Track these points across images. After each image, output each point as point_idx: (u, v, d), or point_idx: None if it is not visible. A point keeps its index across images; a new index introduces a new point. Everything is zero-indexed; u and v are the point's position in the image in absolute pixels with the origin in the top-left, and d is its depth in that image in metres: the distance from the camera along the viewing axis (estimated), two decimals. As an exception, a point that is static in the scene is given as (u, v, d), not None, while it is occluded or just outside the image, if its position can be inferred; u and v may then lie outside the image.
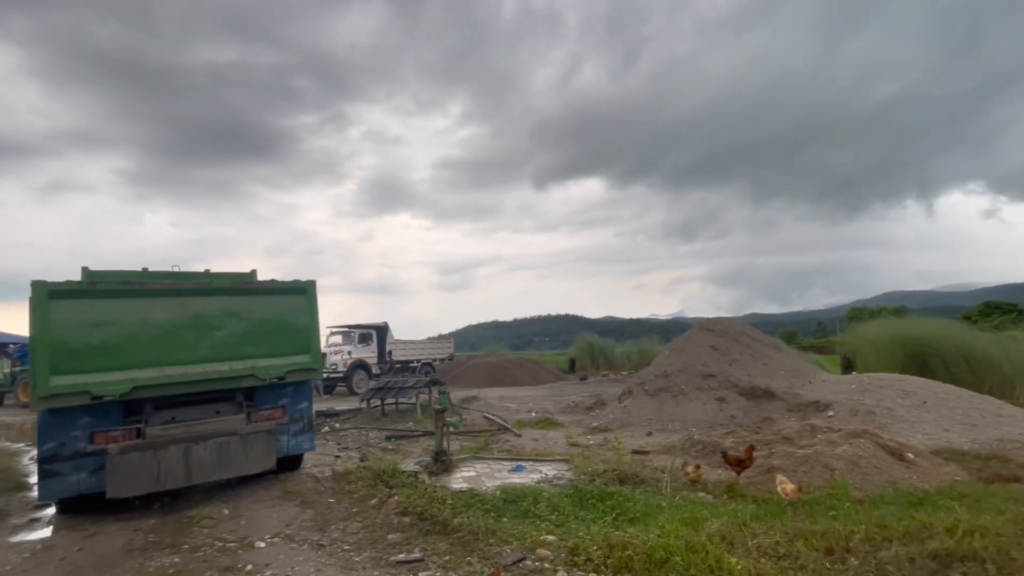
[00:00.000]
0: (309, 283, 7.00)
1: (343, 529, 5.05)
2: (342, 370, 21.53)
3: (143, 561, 4.44)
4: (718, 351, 12.15)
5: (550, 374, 27.59)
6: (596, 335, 38.26)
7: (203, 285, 6.51)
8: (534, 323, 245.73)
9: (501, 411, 12.75)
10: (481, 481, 6.19)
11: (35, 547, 4.88)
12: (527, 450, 8.32)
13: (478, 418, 11.63)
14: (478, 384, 23.57)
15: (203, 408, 6.38)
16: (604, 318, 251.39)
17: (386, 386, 11.93)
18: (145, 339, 5.93)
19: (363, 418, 11.51)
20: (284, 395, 6.84)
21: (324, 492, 6.28)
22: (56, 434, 5.63)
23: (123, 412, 5.96)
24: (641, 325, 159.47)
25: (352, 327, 23.34)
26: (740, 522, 4.22)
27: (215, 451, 5.97)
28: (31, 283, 5.55)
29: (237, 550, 4.63)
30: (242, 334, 6.46)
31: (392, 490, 5.90)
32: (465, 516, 4.88)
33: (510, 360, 28.06)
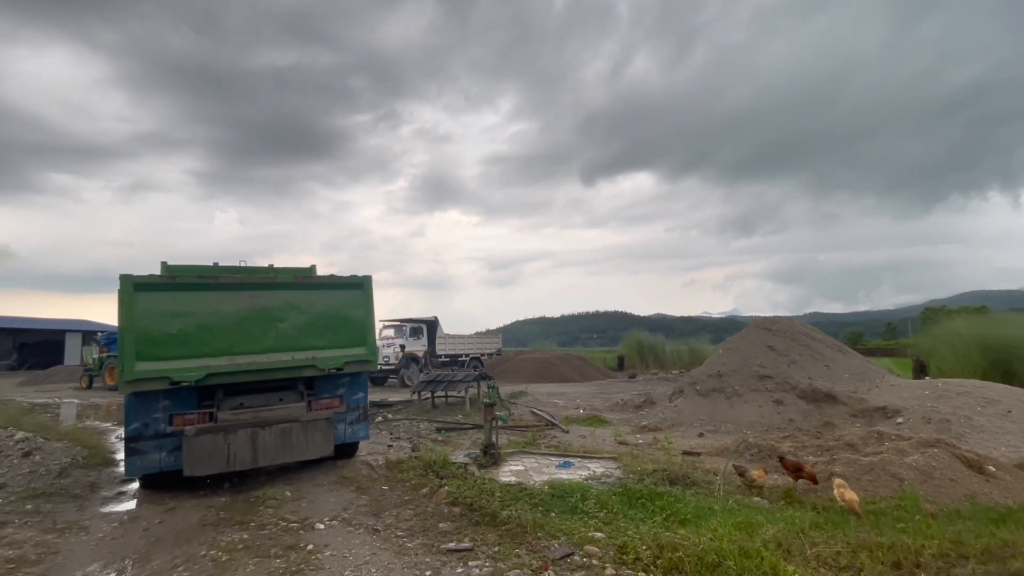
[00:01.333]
0: (365, 278, 7.22)
1: (396, 516, 5.24)
2: (394, 363, 22.18)
3: (215, 536, 4.78)
4: (776, 351, 11.67)
5: (598, 371, 27.36)
6: (646, 332, 37.54)
7: (268, 280, 6.83)
8: (582, 319, 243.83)
9: (548, 407, 12.79)
10: (529, 475, 6.25)
11: (122, 517, 5.36)
12: (575, 447, 8.32)
13: (526, 413, 11.71)
14: (525, 380, 23.69)
15: (268, 395, 6.70)
16: (654, 315, 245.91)
17: (436, 379, 12.23)
18: (217, 329, 6.30)
19: (414, 409, 11.85)
20: (342, 385, 7.09)
21: (378, 479, 6.52)
22: (140, 415, 6.07)
23: (198, 397, 6.35)
24: (692, 323, 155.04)
25: (404, 321, 23.99)
26: (798, 529, 4.07)
27: (279, 436, 6.27)
28: (119, 276, 5.99)
29: (299, 530, 4.90)
30: (303, 326, 6.75)
31: (442, 480, 6.06)
32: (513, 509, 4.95)
33: (558, 356, 28.03)
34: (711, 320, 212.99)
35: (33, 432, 9.17)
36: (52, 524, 5.09)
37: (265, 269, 8.02)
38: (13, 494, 5.90)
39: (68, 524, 5.11)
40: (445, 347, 24.44)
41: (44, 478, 6.54)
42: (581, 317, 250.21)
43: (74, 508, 5.68)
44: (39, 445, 8.12)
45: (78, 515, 5.45)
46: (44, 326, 36.65)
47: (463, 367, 23.91)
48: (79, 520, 5.25)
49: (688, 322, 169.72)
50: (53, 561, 4.30)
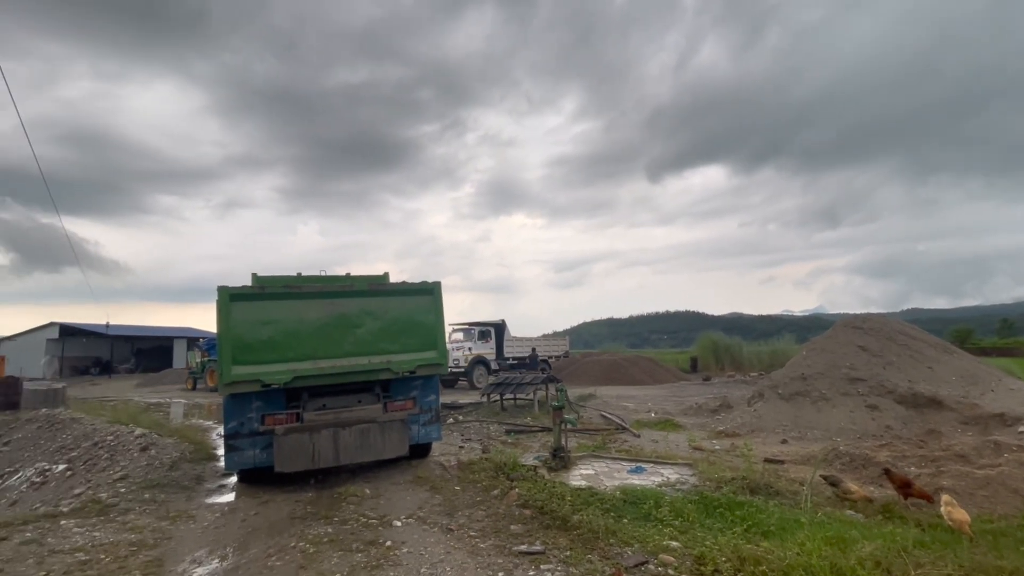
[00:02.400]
0: (435, 284, 7.41)
1: (469, 516, 5.34)
2: (463, 365, 22.66)
3: (303, 528, 5.11)
4: (869, 352, 10.76)
5: (669, 374, 26.51)
6: (720, 333, 35.91)
7: (346, 288, 7.16)
8: (651, 320, 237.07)
9: (618, 410, 12.55)
10: (600, 480, 6.17)
11: (223, 508, 5.86)
12: (646, 451, 8.10)
13: (595, 416, 11.56)
14: (593, 382, 23.38)
15: (348, 397, 7.01)
16: (729, 315, 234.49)
17: (504, 382, 12.37)
18: (302, 335, 6.66)
19: (483, 412, 12.06)
20: (415, 388, 7.31)
21: (450, 480, 6.69)
22: (236, 415, 6.53)
23: (286, 399, 6.74)
24: (772, 322, 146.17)
25: (472, 324, 24.45)
26: (900, 548, 3.72)
27: (358, 436, 6.56)
28: (217, 288, 6.49)
29: (378, 526, 5.13)
30: (378, 331, 7.02)
31: (513, 482, 6.11)
32: (585, 513, 4.90)
33: (627, 358, 27.45)
34: (793, 319, 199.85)
35: (149, 429, 10.24)
36: (166, 512, 5.66)
37: (343, 277, 8.36)
38: (134, 484, 6.62)
39: (179, 512, 5.66)
40: (512, 350, 24.62)
41: (158, 470, 7.28)
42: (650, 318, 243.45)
43: (183, 498, 6.28)
44: (154, 440, 9.04)
45: (187, 504, 6.02)
46: (156, 333, 40.86)
47: (531, 369, 24.01)
48: (187, 509, 5.80)
49: (767, 321, 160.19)
50: (167, 546, 4.78)
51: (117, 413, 12.28)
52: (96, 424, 10.46)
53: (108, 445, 8.82)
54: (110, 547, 4.65)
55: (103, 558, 4.42)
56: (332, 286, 7.24)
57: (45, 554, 4.48)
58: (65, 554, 4.48)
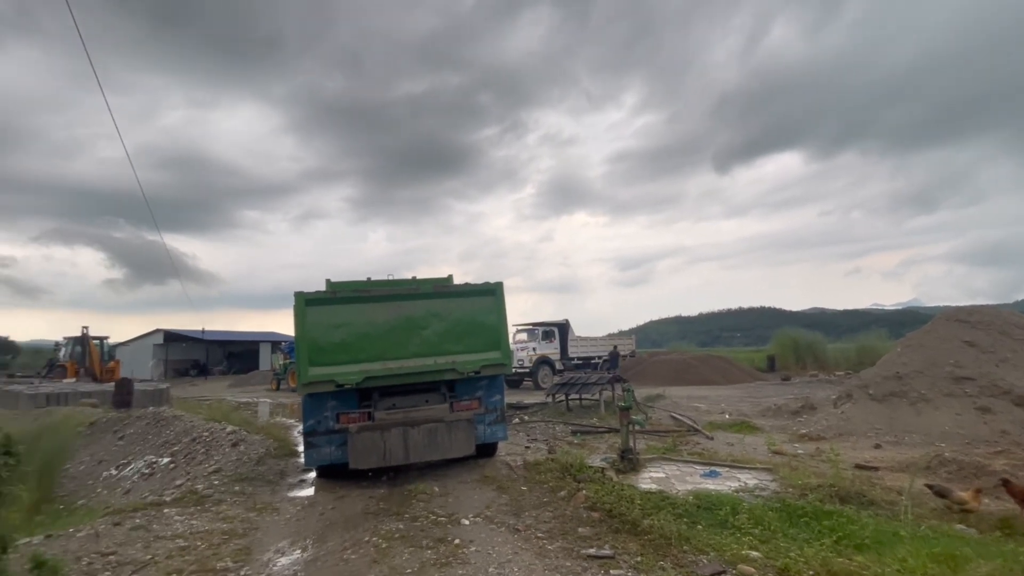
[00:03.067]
0: (497, 285, 7.47)
1: (536, 517, 5.31)
2: (528, 365, 22.71)
3: (376, 524, 5.28)
4: (977, 348, 9.66)
5: (744, 373, 25.21)
6: (800, 329, 33.69)
7: (412, 290, 7.36)
8: (723, 317, 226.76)
9: (689, 411, 12.06)
10: (671, 484, 5.93)
11: (304, 502, 6.18)
12: (721, 454, 7.71)
13: (664, 417, 11.18)
14: (662, 383, 22.66)
15: (416, 397, 7.17)
16: (809, 310, 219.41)
17: (569, 382, 12.23)
18: (372, 337, 6.87)
19: (549, 412, 11.99)
20: (480, 388, 7.37)
21: (517, 480, 6.69)
22: (314, 414, 6.85)
23: (358, 398, 6.99)
24: (859, 317, 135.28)
25: (536, 325, 24.46)
26: (1022, 569, 3.28)
27: (426, 435, 6.69)
28: (294, 294, 6.85)
29: (447, 524, 5.21)
30: (443, 332, 7.12)
31: (580, 484, 6.01)
32: (656, 518, 4.72)
33: (697, 357, 26.40)
34: (883, 313, 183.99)
35: (238, 426, 11.05)
36: (253, 504, 6.06)
37: (408, 281, 8.62)
38: (226, 477, 7.14)
39: (264, 505, 6.04)
40: (577, 349, 24.38)
41: (247, 465, 7.81)
42: (721, 315, 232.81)
43: (268, 492, 6.70)
44: (243, 437, 9.72)
45: (271, 497, 6.42)
46: (244, 338, 44.19)
47: (596, 369, 23.65)
48: (272, 502, 6.18)
49: (853, 316, 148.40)
50: (254, 536, 5.11)
51: (212, 411, 13.34)
52: (194, 421, 11.38)
53: (204, 440, 9.59)
54: (205, 535, 5.04)
55: (199, 545, 4.79)
56: (399, 289, 7.41)
57: (151, 539, 4.91)
58: (167, 540, 4.89)
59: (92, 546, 4.70)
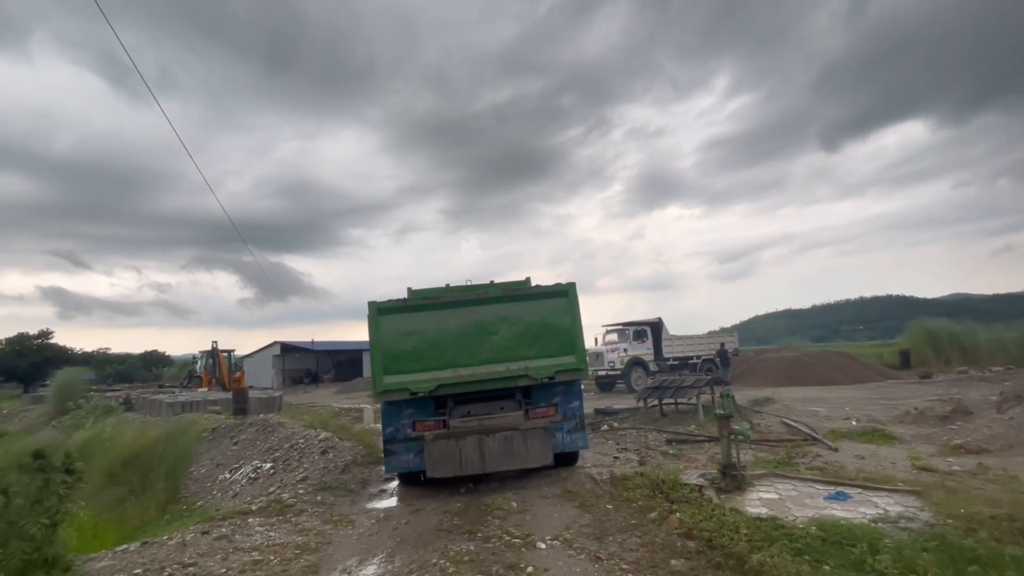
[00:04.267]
0: (569, 286, 7.10)
1: (621, 543, 4.66)
2: (619, 367, 21.66)
3: (447, 543, 4.94)
4: None
5: (872, 371, 22.17)
6: (940, 319, 29.18)
7: (481, 295, 7.12)
8: (841, 309, 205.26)
9: (805, 417, 10.57)
10: (786, 507, 4.97)
11: (379, 515, 6.02)
12: (849, 471, 6.48)
13: (775, 424, 9.85)
14: (771, 383, 20.54)
15: (490, 404, 6.97)
16: (949, 296, 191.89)
17: (663, 385, 11.24)
18: (443, 344, 6.78)
19: (641, 418, 11.08)
20: (556, 394, 7.08)
21: (602, 496, 6.05)
22: (392, 421, 6.88)
23: (434, 406, 6.94)
24: (1012, 302, 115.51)
25: (627, 324, 23.33)
26: None
27: (502, 443, 6.49)
28: (368, 303, 6.84)
29: (521, 547, 4.73)
30: (514, 337, 6.88)
31: (673, 505, 5.25)
32: (768, 553, 3.90)
33: (813, 354, 23.69)
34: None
35: (333, 432, 11.44)
36: (330, 516, 6.01)
37: (486, 286, 8.29)
38: (311, 485, 7.24)
39: (341, 517, 5.96)
40: (672, 349, 22.87)
41: (332, 473, 7.91)
42: (840, 306, 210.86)
43: (348, 502, 6.66)
44: (334, 444, 9.99)
45: (349, 508, 6.35)
46: (350, 347, 47.20)
47: (694, 370, 22.01)
48: (349, 514, 6.09)
49: (1006, 301, 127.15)
50: (325, 551, 4.98)
51: (313, 418, 14.02)
52: (295, 428, 11.96)
53: (300, 447, 9.98)
54: (279, 548, 4.99)
55: (272, 559, 4.73)
56: (468, 295, 7.22)
57: (231, 551, 4.95)
58: (244, 552, 4.90)
59: (177, 555, 4.82)
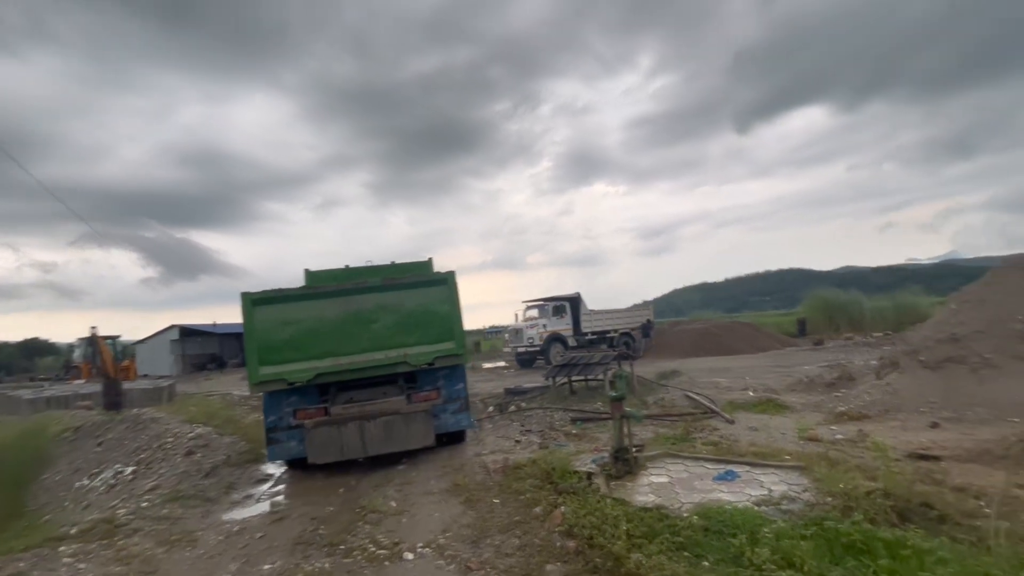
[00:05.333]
0: (449, 274, 7.27)
1: (498, 546, 4.18)
2: (539, 344, 21.52)
3: (300, 561, 4.25)
4: (1052, 300, 8.06)
5: (773, 340, 23.60)
6: (833, 289, 31.72)
7: (360, 285, 7.15)
8: (750, 281, 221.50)
9: (709, 388, 10.74)
10: (674, 493, 4.70)
11: (232, 528, 5.17)
12: (742, 444, 6.44)
13: (680, 398, 9.89)
14: (683, 354, 21.28)
15: (373, 391, 7.05)
16: (840, 269, 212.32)
17: (571, 362, 10.97)
18: (321, 334, 6.81)
19: (550, 397, 10.79)
20: (440, 378, 7.29)
21: (491, 489, 5.56)
22: (274, 410, 6.93)
23: (319, 393, 6.98)
24: (893, 274, 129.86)
25: (546, 300, 23.18)
26: None
27: (383, 428, 6.63)
28: (240, 295, 6.73)
29: (385, 560, 4.13)
30: (394, 325, 7.00)
31: (560, 497, 4.84)
32: (647, 551, 3.53)
33: (721, 325, 24.84)
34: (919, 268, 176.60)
35: (215, 427, 10.22)
36: (169, 535, 5.06)
37: (385, 267, 8.37)
38: (160, 496, 6.21)
39: (183, 535, 5.04)
40: (591, 324, 23.05)
41: (192, 478, 6.89)
42: (748, 279, 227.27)
43: (200, 514, 5.72)
44: (208, 442, 8.85)
45: (198, 523, 5.43)
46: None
47: (612, 345, 22.35)
48: (194, 530, 5.18)
49: (887, 273, 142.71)
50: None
51: (200, 410, 12.56)
52: (170, 424, 10.57)
53: (167, 447, 8.76)
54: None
55: (65, 604, 3.80)
56: (346, 284, 7.27)
57: (16, 595, 3.96)
58: (30, 597, 3.92)
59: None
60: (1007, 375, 7.47)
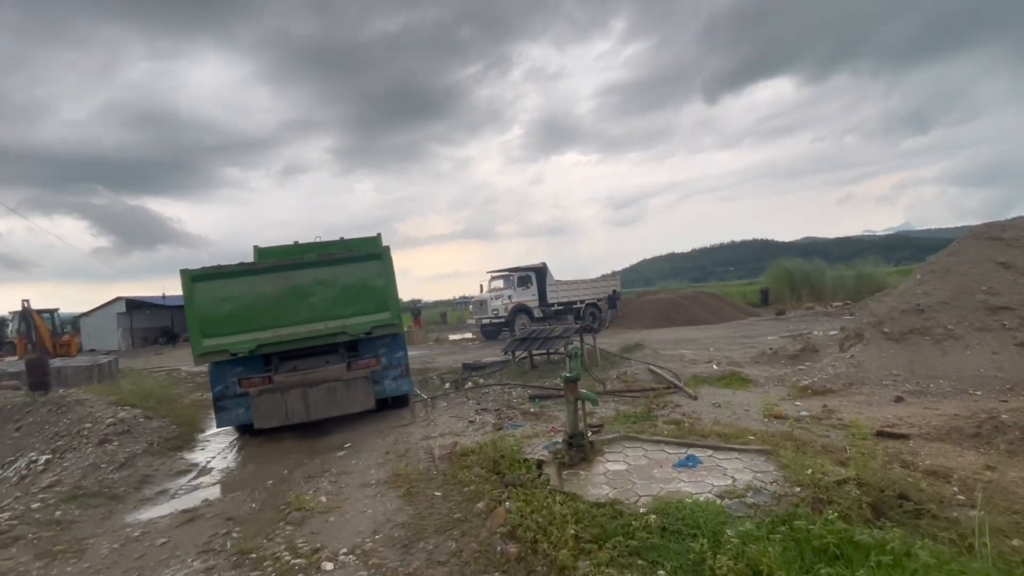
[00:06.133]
0: (384, 249, 7.74)
1: (431, 552, 3.66)
2: (504, 315, 21.06)
3: (201, 574, 3.64)
4: (1015, 270, 7.94)
5: (737, 310, 23.75)
6: (796, 259, 32.22)
7: (296, 261, 7.56)
8: (716, 252, 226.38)
9: (673, 361, 10.44)
10: (632, 484, 4.26)
11: (132, 534, 4.50)
12: (705, 422, 6.09)
13: (643, 372, 9.55)
14: (649, 325, 21.17)
15: (316, 359, 7.51)
16: (802, 240, 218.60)
17: (531, 335, 10.48)
18: (261, 307, 7.22)
19: (509, 372, 10.32)
20: (381, 346, 7.74)
21: (434, 479, 5.05)
22: (220, 380, 7.33)
23: (263, 363, 7.39)
24: (851, 244, 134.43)
25: (511, 271, 22.64)
26: None
27: (325, 393, 7.06)
28: (180, 272, 7.06)
29: (299, 572, 3.56)
30: (331, 299, 7.43)
31: (506, 490, 4.35)
32: (595, 559, 3.07)
33: (687, 296, 24.83)
34: (875, 239, 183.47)
35: (145, 409, 9.38)
36: (54, 543, 4.37)
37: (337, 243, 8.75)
38: (59, 495, 5.45)
39: (71, 543, 4.36)
40: (557, 295, 22.68)
41: (101, 472, 6.14)
42: (715, 250, 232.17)
43: (100, 516, 5.02)
44: (132, 427, 8.04)
45: (94, 527, 4.73)
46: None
47: (578, 316, 22.06)
48: (87, 537, 4.49)
49: (845, 244, 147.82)
50: (0, 613, 3.44)
51: (133, 389, 11.58)
52: (95, 406, 9.65)
53: (83, 434, 7.92)
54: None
55: None
56: (284, 261, 7.63)
57: None
58: None
59: None
60: (969, 347, 7.34)
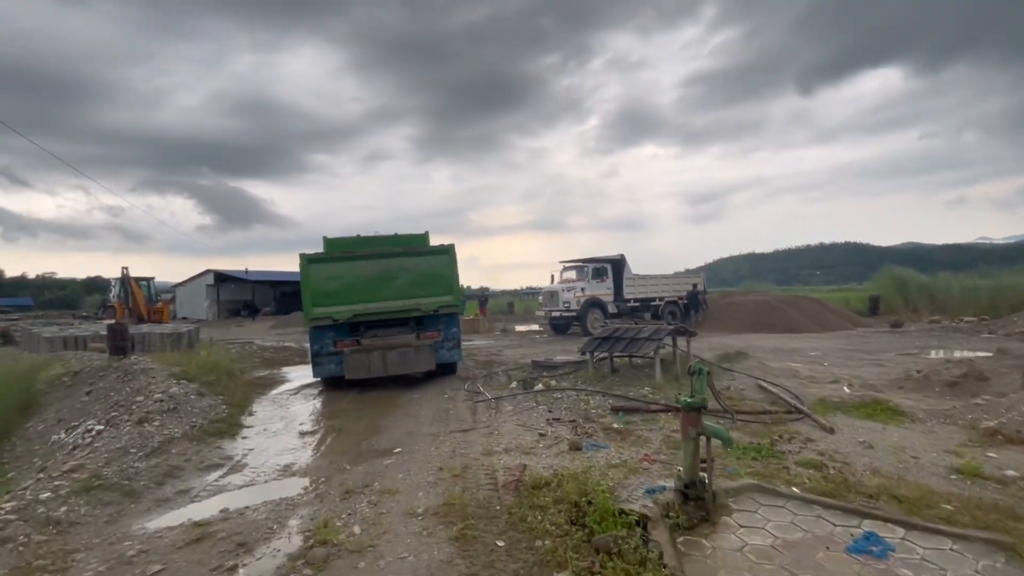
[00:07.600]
0: (450, 246, 9.59)
1: (488, 656, 2.46)
2: (575, 308, 19.62)
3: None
4: None
5: (840, 317, 20.89)
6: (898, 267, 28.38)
7: (387, 251, 9.62)
8: (801, 254, 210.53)
9: (785, 377, 8.65)
10: (782, 568, 2.84)
11: (126, 553, 3.65)
12: (856, 469, 4.48)
13: (748, 387, 7.89)
14: (738, 329, 18.98)
15: (392, 329, 9.27)
16: (902, 245, 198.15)
17: (614, 335, 9.05)
18: (357, 286, 9.12)
19: (586, 375, 8.95)
20: (441, 323, 9.47)
21: (497, 518, 3.85)
22: (318, 340, 9.09)
23: (350, 329, 9.17)
24: (963, 252, 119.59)
25: (586, 261, 21.12)
26: None
27: (399, 356, 8.89)
28: (299, 255, 9.13)
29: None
30: (410, 282, 9.32)
31: (598, 557, 3.08)
32: None
33: (782, 299, 22.19)
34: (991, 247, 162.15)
35: (203, 384, 9.02)
36: (37, 554, 3.61)
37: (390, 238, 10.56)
38: (76, 483, 4.81)
39: (56, 556, 3.58)
40: (634, 290, 20.91)
41: (129, 458, 5.51)
42: (799, 252, 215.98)
43: (105, 518, 4.28)
44: (179, 404, 7.58)
45: (92, 535, 3.97)
46: (294, 278, 43.87)
47: (655, 315, 20.21)
48: (77, 549, 3.71)
49: (955, 251, 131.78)
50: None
51: (200, 360, 11.43)
52: (156, 378, 9.40)
53: (133, 409, 7.53)
54: None
55: None
56: (377, 250, 9.64)
57: None
58: None
59: None
60: None
